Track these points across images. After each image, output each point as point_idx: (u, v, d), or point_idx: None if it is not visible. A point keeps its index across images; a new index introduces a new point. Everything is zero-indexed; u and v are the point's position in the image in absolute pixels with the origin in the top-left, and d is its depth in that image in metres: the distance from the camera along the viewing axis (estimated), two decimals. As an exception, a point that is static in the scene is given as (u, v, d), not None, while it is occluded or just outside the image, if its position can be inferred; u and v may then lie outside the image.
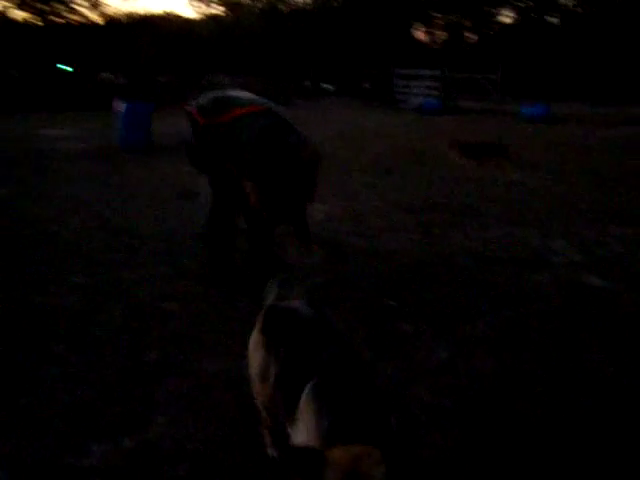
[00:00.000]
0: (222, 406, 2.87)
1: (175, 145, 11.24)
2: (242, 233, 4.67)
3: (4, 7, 24.73)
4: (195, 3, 36.21)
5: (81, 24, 26.24)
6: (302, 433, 1.78)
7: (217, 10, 36.71)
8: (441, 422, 2.75)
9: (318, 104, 24.64)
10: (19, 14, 25.45)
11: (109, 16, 28.29)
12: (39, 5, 24.79)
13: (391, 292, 4.38)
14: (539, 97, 22.42)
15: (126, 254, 5.17)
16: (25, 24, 25.26)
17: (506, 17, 35.02)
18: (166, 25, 33.54)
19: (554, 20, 33.86)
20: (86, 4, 25.91)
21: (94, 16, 26.96)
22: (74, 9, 25.76)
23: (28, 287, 4.40)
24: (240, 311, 3.92)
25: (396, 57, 29.88)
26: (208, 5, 35.63)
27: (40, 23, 25.18)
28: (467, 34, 36.56)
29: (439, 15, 35.52)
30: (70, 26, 25.63)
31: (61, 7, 25.36)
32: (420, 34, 36.41)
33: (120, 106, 11.52)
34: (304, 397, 1.82)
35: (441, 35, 36.68)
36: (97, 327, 3.73)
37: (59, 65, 22.25)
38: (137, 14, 32.98)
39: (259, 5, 35.02)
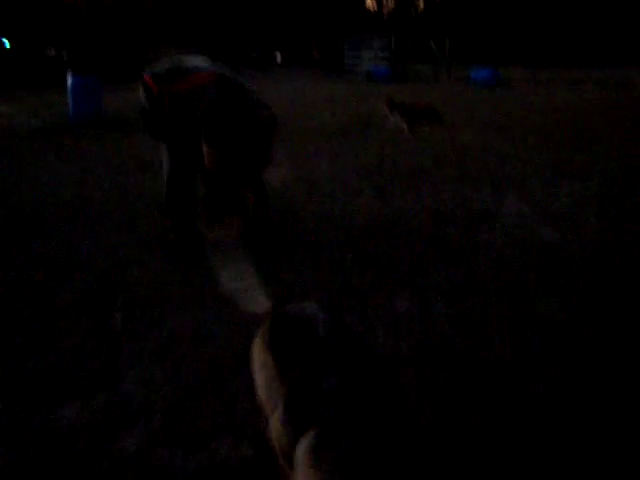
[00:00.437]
0: (189, 360, 2.94)
1: (127, 118, 11.15)
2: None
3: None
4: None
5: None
6: None
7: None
8: (399, 367, 2.87)
9: (267, 74, 24.50)
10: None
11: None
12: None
13: (349, 250, 4.48)
14: (487, 62, 22.70)
15: (86, 225, 5.15)
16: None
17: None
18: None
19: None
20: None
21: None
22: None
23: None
24: (201, 274, 4.00)
25: (346, 26, 29.84)
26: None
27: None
28: (416, 1, 36.63)
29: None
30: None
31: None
32: (369, 3, 36.36)
33: (68, 80, 11.39)
34: (300, 451, 1.51)
35: (390, 3, 36.67)
36: (61, 295, 3.74)
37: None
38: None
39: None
